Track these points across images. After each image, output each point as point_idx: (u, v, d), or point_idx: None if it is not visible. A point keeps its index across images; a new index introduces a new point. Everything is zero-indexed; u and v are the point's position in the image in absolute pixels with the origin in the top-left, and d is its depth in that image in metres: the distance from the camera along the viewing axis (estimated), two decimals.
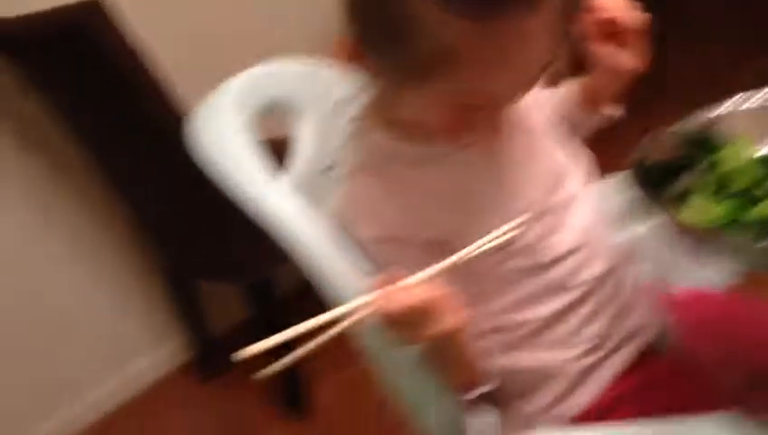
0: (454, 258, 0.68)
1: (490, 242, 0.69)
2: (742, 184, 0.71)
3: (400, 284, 0.66)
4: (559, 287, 0.79)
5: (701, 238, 0.68)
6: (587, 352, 0.80)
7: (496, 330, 0.79)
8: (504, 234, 0.70)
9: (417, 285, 0.66)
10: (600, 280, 0.81)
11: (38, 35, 1.37)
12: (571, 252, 0.80)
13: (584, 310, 0.80)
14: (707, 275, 0.89)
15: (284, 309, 1.58)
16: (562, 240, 0.80)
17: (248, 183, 0.76)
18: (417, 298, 0.64)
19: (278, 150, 0.84)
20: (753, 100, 0.78)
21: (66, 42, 1.34)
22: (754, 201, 0.69)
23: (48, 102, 1.50)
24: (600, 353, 0.81)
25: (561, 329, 0.79)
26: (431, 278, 0.67)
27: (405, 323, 0.65)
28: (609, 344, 0.81)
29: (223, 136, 0.77)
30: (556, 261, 0.79)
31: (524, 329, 0.79)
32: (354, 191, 0.76)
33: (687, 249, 0.69)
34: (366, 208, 0.75)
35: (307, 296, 0.81)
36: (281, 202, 0.76)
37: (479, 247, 0.69)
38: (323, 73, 0.88)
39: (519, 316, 0.79)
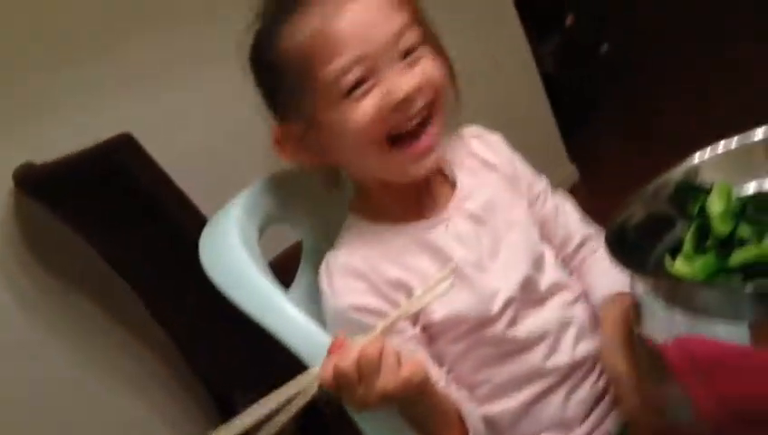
0: (393, 316, 0.71)
1: (425, 296, 0.72)
2: (724, 230, 0.72)
3: (349, 344, 0.68)
4: (533, 374, 0.81)
5: (693, 291, 0.69)
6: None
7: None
8: (437, 285, 0.73)
9: (364, 343, 0.68)
10: (577, 364, 0.83)
11: (75, 177, 1.48)
12: (542, 337, 0.82)
13: (559, 395, 0.82)
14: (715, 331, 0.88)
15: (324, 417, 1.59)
16: (534, 325, 0.82)
17: (258, 298, 0.80)
18: (364, 352, 0.66)
19: (292, 261, 0.89)
20: (730, 143, 0.80)
21: (103, 178, 1.45)
22: (740, 245, 0.70)
23: (84, 235, 1.60)
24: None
25: (540, 414, 0.81)
26: (378, 337, 0.69)
27: (353, 380, 0.66)
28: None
29: (229, 255, 0.82)
30: (527, 347, 0.82)
31: (502, 416, 0.81)
32: (321, 277, 0.82)
33: (686, 304, 0.70)
34: (339, 279, 0.80)
35: None
36: (293, 314, 0.80)
37: (414, 304, 0.72)
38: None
39: (496, 407, 0.81)
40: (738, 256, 0.69)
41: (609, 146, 2.93)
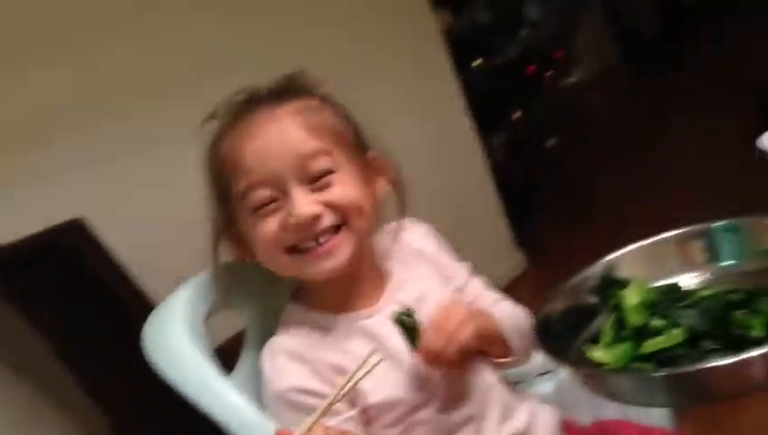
0: (330, 397, 0.74)
1: (358, 372, 0.75)
2: (637, 321, 0.77)
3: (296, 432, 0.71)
4: None
5: (610, 377, 0.74)
6: None
7: None
8: (361, 370, 0.75)
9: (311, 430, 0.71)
10: None
11: (25, 261, 1.49)
12: (471, 418, 0.86)
13: None
14: (630, 415, 0.92)
15: None
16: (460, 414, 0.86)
17: (198, 384, 0.82)
18: None
19: (233, 349, 0.92)
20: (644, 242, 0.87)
21: (53, 263, 1.46)
22: (652, 335, 0.76)
23: (31, 320, 1.59)
24: None
25: None
26: (321, 426, 0.72)
27: None
28: None
29: (173, 344, 0.85)
30: (457, 429, 0.86)
31: None
32: (263, 359, 0.85)
33: (601, 391, 0.74)
34: (270, 368, 0.84)
35: None
36: (233, 399, 0.83)
37: (343, 388, 0.74)
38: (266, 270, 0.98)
39: None
40: (651, 345, 0.74)
41: (556, 234, 3.02)
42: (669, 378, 0.67)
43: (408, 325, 0.83)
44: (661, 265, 0.84)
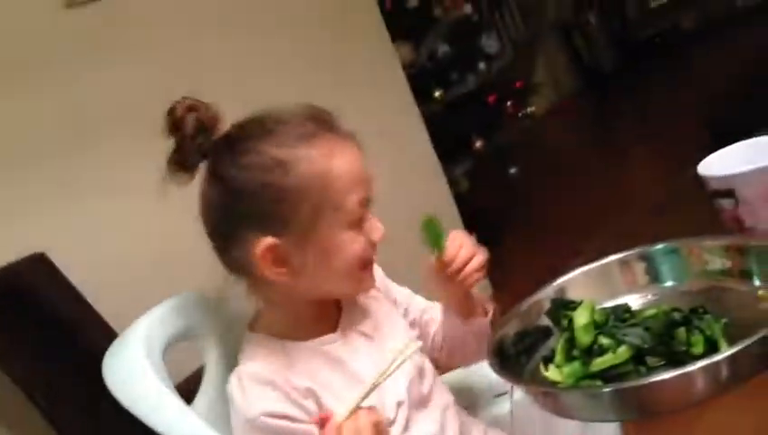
0: (368, 386, 0.78)
1: (392, 367, 0.79)
2: (586, 341, 0.80)
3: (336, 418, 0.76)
4: None
5: (561, 395, 0.77)
6: None
7: None
8: (401, 356, 0.80)
9: (360, 414, 0.76)
10: None
11: None
12: None
13: None
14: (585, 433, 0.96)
15: None
16: (423, 428, 0.90)
17: (159, 414, 0.84)
18: (378, 417, 0.76)
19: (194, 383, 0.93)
20: (592, 265, 0.91)
21: (15, 297, 1.45)
22: (600, 354, 0.79)
23: None
24: None
25: None
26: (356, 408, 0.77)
27: None
28: None
29: (133, 375, 0.86)
30: None
31: None
32: (231, 388, 0.86)
33: (554, 409, 0.78)
34: (240, 396, 0.84)
35: None
36: (197, 428, 0.84)
37: (385, 373, 0.79)
38: (229, 301, 1.00)
39: None
40: (599, 363, 0.77)
41: (519, 260, 3.07)
42: (617, 393, 0.70)
43: (434, 230, 0.91)
44: (608, 287, 0.88)
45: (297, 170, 0.84)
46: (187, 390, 0.93)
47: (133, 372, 0.85)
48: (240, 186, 0.85)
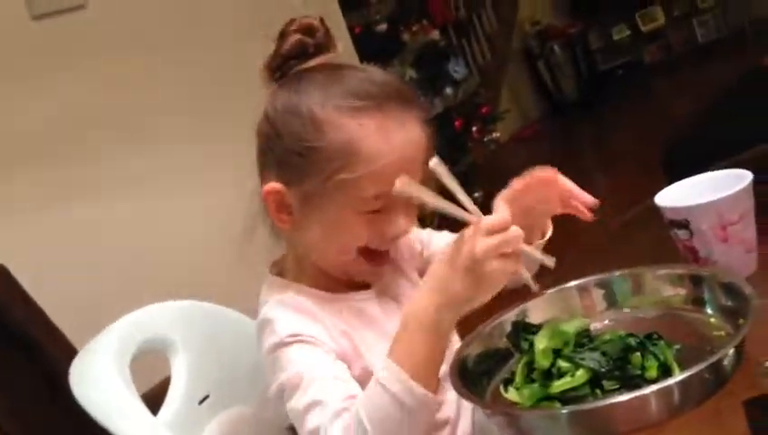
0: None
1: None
2: (545, 364, 0.83)
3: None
4: None
5: (521, 416, 0.79)
6: None
7: None
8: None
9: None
10: None
11: None
12: (446, 421, 0.90)
13: None
14: None
15: None
16: (442, 409, 0.88)
17: (126, 424, 0.84)
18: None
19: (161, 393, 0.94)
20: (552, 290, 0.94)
21: None
22: (559, 377, 0.82)
23: None
24: None
25: None
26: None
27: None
28: None
29: (101, 382, 0.86)
30: (436, 429, 0.89)
31: None
32: (269, 309, 0.86)
33: (514, 430, 0.80)
34: (280, 316, 0.85)
35: None
36: None
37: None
38: (197, 312, 1.01)
39: None
40: (558, 386, 0.80)
41: None
42: (573, 414, 0.73)
43: None
44: (567, 311, 0.91)
45: (328, 136, 0.83)
46: (153, 400, 0.94)
47: (100, 381, 0.85)
48: (278, 124, 0.86)
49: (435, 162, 0.76)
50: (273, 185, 0.87)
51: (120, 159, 1.87)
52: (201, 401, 0.95)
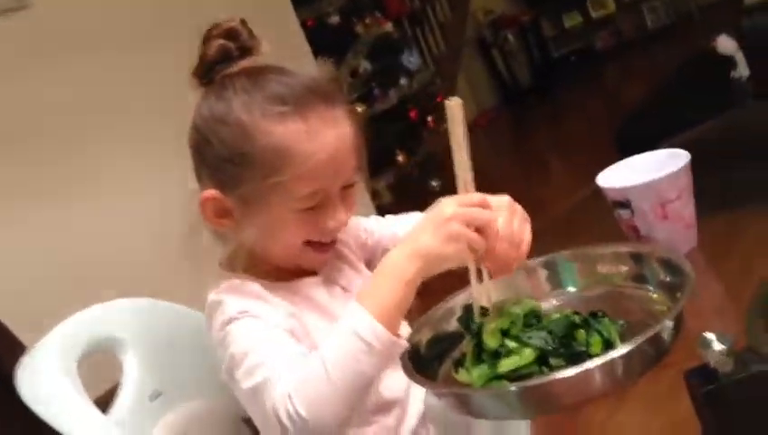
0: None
1: None
2: (493, 344, 0.84)
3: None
4: None
5: (470, 396, 0.81)
6: None
7: None
8: None
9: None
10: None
11: None
12: (396, 401, 0.92)
13: None
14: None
15: None
16: (393, 385, 0.91)
17: (75, 423, 0.83)
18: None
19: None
20: None
21: None
22: (507, 356, 0.83)
23: None
24: None
25: None
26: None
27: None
28: None
29: (47, 382, 0.85)
30: (386, 408, 0.91)
31: None
32: (218, 292, 0.88)
33: (465, 410, 0.81)
34: (229, 297, 0.86)
35: None
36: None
37: None
38: (145, 309, 1.00)
39: None
40: (506, 365, 0.81)
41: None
42: (520, 391, 0.74)
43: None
44: (515, 293, 0.93)
45: (256, 142, 0.84)
46: (105, 404, 0.93)
47: (47, 382, 0.84)
48: (207, 133, 0.87)
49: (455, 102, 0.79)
50: (210, 192, 0.88)
51: (67, 160, 1.85)
52: (154, 398, 0.94)
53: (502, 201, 0.85)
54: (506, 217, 0.83)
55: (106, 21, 2.11)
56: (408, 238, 0.81)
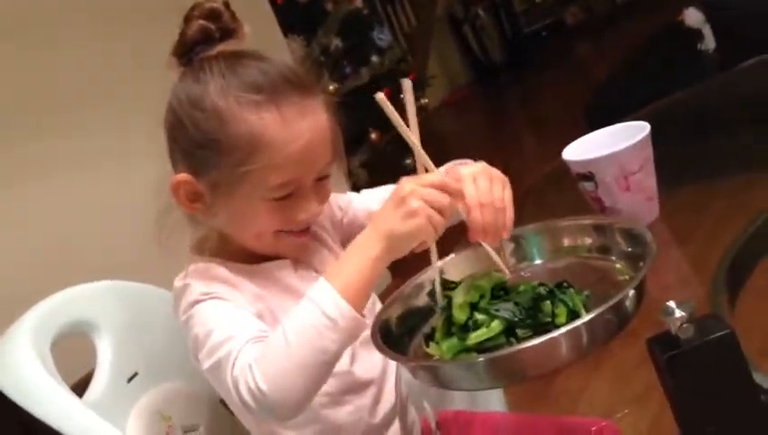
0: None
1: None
2: (462, 318, 0.86)
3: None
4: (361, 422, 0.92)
5: (441, 368, 0.82)
6: None
7: None
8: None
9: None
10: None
11: None
12: (372, 381, 0.94)
13: None
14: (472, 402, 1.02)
15: None
16: (368, 365, 0.93)
17: (49, 406, 0.84)
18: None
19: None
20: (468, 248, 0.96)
21: None
22: (476, 329, 0.85)
23: None
24: None
25: None
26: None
27: None
28: None
29: (20, 366, 0.85)
30: (361, 389, 0.92)
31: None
32: (184, 277, 0.89)
33: (436, 382, 0.83)
34: (195, 281, 0.87)
35: None
36: (83, 420, 0.84)
37: None
38: (118, 291, 1.00)
39: None
40: (475, 337, 0.83)
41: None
42: (488, 362, 0.76)
43: None
44: (483, 267, 0.94)
45: (230, 128, 0.84)
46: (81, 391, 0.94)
47: (20, 366, 0.85)
48: (182, 116, 0.87)
49: (379, 98, 0.82)
50: (183, 176, 0.88)
51: (35, 144, 1.83)
52: (130, 380, 0.95)
53: (477, 168, 0.85)
54: (485, 184, 0.83)
55: (71, 3, 2.08)
56: (374, 219, 0.82)
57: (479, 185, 0.82)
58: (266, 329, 0.84)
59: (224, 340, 0.81)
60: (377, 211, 0.82)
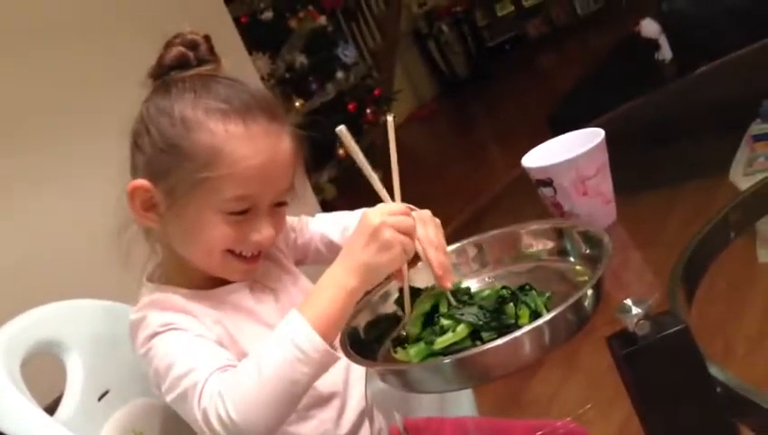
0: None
1: None
2: (414, 333, 0.88)
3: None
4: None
5: (409, 371, 0.84)
6: None
7: None
8: None
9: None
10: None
11: None
12: (335, 394, 0.94)
13: None
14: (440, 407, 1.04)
15: None
16: (330, 377, 0.92)
17: (20, 423, 0.84)
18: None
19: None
20: None
21: None
22: (441, 334, 0.87)
23: None
24: None
25: None
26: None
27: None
28: None
29: None
30: (323, 403, 0.93)
31: None
32: (139, 309, 0.89)
33: (405, 386, 0.84)
34: (151, 313, 0.87)
35: None
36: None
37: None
38: (87, 310, 1.01)
39: None
40: (441, 342, 0.85)
41: None
42: (454, 363, 0.78)
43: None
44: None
45: (194, 135, 0.86)
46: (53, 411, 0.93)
47: None
48: (148, 123, 0.88)
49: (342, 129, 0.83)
50: (140, 181, 0.89)
51: (18, 151, 1.81)
52: (101, 397, 0.95)
53: (423, 214, 0.89)
54: (432, 227, 0.87)
55: (40, 17, 2.07)
56: (344, 254, 0.83)
57: (427, 229, 0.87)
58: (231, 357, 0.85)
59: (186, 371, 0.81)
60: (347, 244, 0.83)
